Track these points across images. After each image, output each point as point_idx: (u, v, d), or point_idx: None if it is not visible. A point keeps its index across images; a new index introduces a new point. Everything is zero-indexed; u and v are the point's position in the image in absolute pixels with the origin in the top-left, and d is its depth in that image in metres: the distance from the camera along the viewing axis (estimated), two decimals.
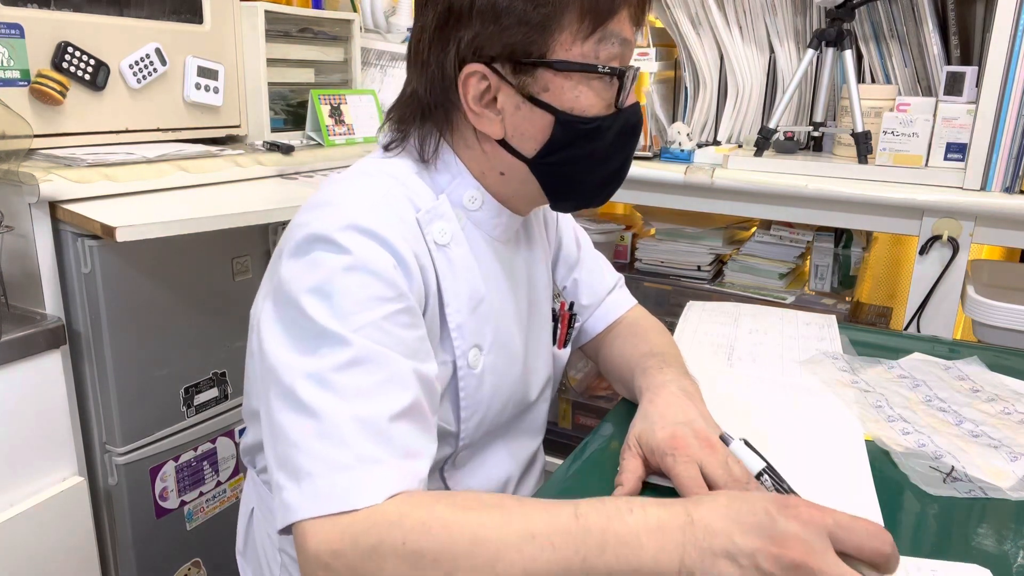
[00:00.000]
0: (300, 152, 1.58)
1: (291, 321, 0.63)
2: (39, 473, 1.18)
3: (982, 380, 0.93)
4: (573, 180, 0.75)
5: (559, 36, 0.67)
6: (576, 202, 0.79)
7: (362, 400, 0.59)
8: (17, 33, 1.19)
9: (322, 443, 0.57)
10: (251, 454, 0.87)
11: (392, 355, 0.61)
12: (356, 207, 0.66)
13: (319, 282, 0.62)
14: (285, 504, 0.57)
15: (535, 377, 0.86)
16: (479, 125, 0.71)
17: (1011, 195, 1.35)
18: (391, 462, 0.57)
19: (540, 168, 0.73)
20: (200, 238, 1.27)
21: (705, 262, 1.75)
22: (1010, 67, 1.31)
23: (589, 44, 0.68)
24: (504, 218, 0.79)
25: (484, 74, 0.69)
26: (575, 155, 0.72)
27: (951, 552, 0.61)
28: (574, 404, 1.96)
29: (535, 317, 0.86)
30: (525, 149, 0.72)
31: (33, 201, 1.12)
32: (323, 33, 1.79)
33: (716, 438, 0.67)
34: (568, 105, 0.69)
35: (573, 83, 0.69)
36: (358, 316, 0.61)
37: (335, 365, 0.59)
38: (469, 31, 0.68)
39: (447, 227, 0.73)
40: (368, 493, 0.55)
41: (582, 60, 0.68)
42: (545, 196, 0.77)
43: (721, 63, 1.77)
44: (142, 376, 1.28)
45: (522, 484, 0.89)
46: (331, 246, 0.64)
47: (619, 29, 0.69)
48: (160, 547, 1.36)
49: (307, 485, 0.56)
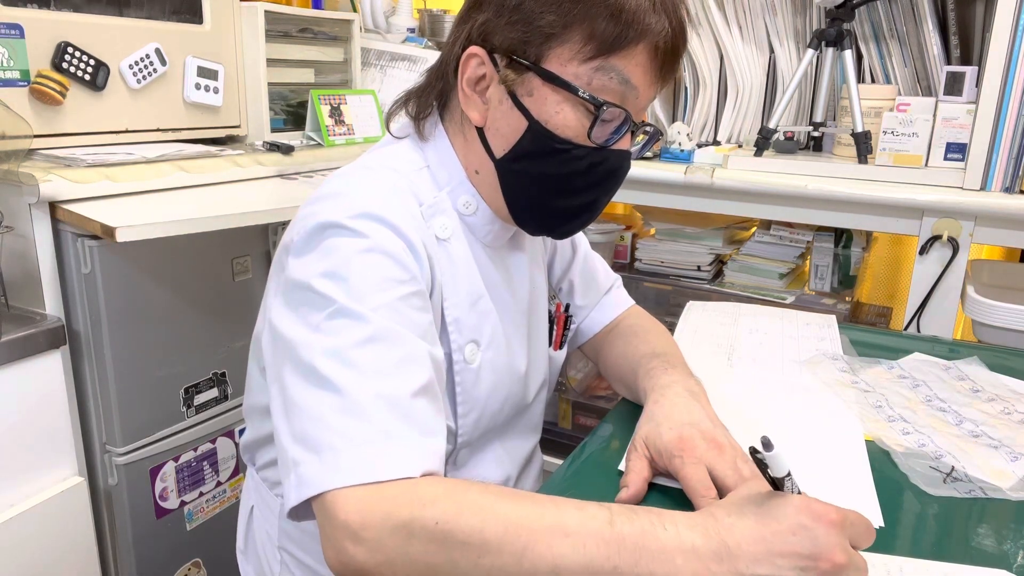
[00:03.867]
0: (300, 152, 1.58)
1: (307, 303, 0.63)
2: (39, 473, 1.18)
3: (982, 380, 0.93)
4: (532, 196, 0.74)
5: (558, 48, 0.67)
6: (536, 224, 0.77)
7: (383, 376, 0.59)
8: (17, 33, 1.19)
9: (345, 418, 0.57)
10: (251, 451, 0.87)
11: (408, 334, 0.62)
12: (366, 196, 0.67)
13: (334, 266, 0.63)
14: (302, 478, 0.56)
15: (533, 378, 0.87)
16: (465, 106, 0.72)
17: (1011, 195, 1.35)
18: (415, 438, 0.57)
19: (504, 172, 0.73)
20: (200, 238, 1.27)
21: (705, 262, 1.75)
22: (1010, 67, 1.31)
23: (585, 68, 0.67)
24: (496, 227, 0.79)
25: (483, 60, 0.70)
26: (540, 171, 0.71)
27: (951, 552, 0.61)
28: (574, 404, 1.96)
29: (532, 319, 0.86)
30: (496, 146, 0.72)
31: (33, 201, 1.12)
32: (323, 33, 1.79)
33: (723, 439, 0.67)
34: (545, 117, 0.69)
35: (559, 98, 0.68)
36: (375, 296, 0.62)
37: (354, 342, 0.59)
38: (484, 15, 0.70)
39: (448, 222, 0.74)
40: (399, 466, 0.55)
41: (570, 80, 0.67)
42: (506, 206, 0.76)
43: (721, 63, 1.77)
44: (142, 376, 1.28)
45: (519, 484, 0.89)
46: (345, 231, 0.64)
47: (625, 68, 0.67)
48: (160, 547, 1.36)
49: (330, 457, 0.56)
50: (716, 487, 0.63)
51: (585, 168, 0.71)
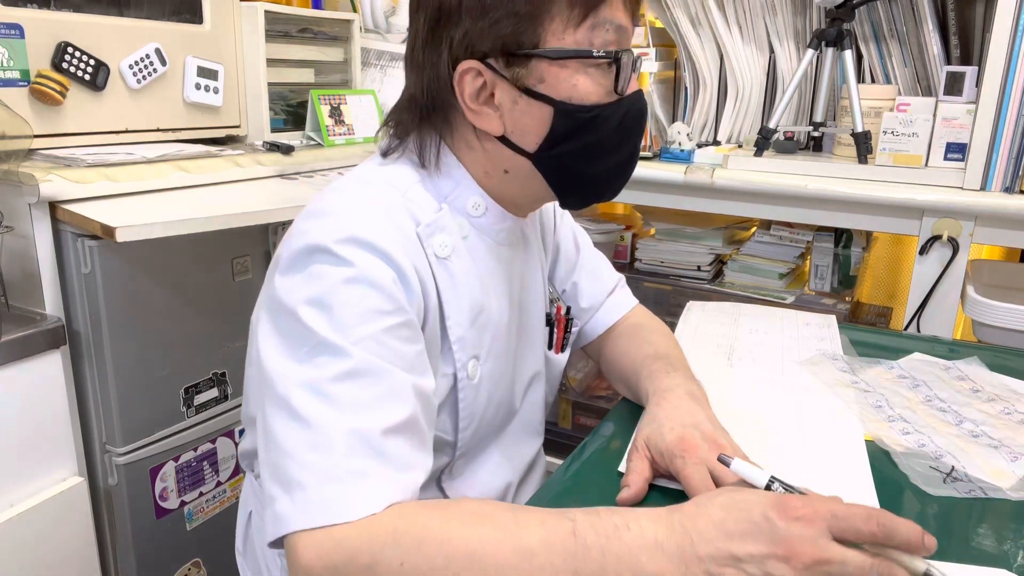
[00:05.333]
0: (300, 152, 1.58)
1: (289, 331, 0.62)
2: (39, 473, 1.18)
3: (982, 380, 0.93)
4: (578, 173, 0.73)
5: (550, 25, 0.66)
6: (584, 197, 0.77)
7: (357, 412, 0.58)
8: (17, 33, 1.19)
9: (314, 454, 0.56)
10: (249, 459, 0.87)
11: (391, 369, 0.61)
12: (357, 219, 0.65)
13: (318, 294, 0.62)
14: (277, 515, 0.56)
15: (522, 379, 0.86)
16: (478, 123, 0.71)
17: (1011, 195, 1.35)
18: (383, 474, 0.57)
19: (544, 162, 0.72)
20: (200, 238, 1.27)
21: (705, 262, 1.75)
22: (1010, 67, 1.31)
23: (582, 31, 0.67)
24: (508, 222, 0.78)
25: (479, 70, 0.68)
26: (578, 146, 0.71)
27: (951, 552, 0.61)
28: (574, 404, 1.96)
29: (524, 319, 0.85)
30: (527, 143, 0.71)
31: (33, 201, 1.12)
32: (323, 33, 1.79)
33: (725, 441, 0.68)
34: (566, 94, 0.68)
35: (569, 71, 0.68)
36: (358, 328, 0.60)
37: (332, 376, 0.59)
38: (460, 29, 0.68)
39: (448, 240, 0.72)
40: (358, 506, 0.55)
41: (576, 47, 0.67)
42: (552, 192, 0.75)
43: (721, 63, 1.77)
44: (142, 376, 1.28)
45: (522, 490, 0.89)
46: (331, 257, 0.63)
47: (611, 15, 0.68)
48: (160, 547, 1.36)
49: (299, 496, 0.55)
50: (717, 487, 0.63)
51: (618, 124, 0.71)
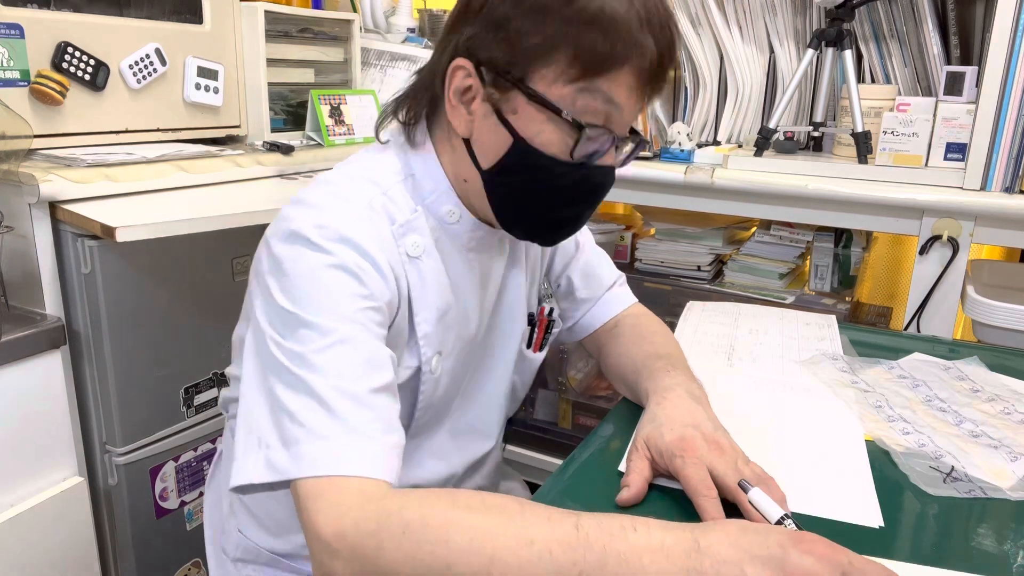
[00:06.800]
0: (300, 152, 1.58)
1: (274, 311, 0.66)
2: (39, 473, 1.18)
3: (982, 380, 0.93)
4: (518, 208, 0.75)
5: (543, 70, 0.67)
6: (522, 233, 0.79)
7: (346, 375, 0.62)
8: (17, 33, 1.19)
9: (309, 414, 0.60)
10: (229, 406, 0.91)
11: (370, 338, 0.65)
12: (339, 215, 0.69)
13: (298, 277, 0.66)
14: (270, 462, 0.60)
15: (481, 378, 0.89)
16: (451, 116, 0.73)
17: (1011, 195, 1.35)
18: (378, 435, 0.61)
19: (490, 183, 0.74)
20: (200, 238, 1.27)
21: (705, 262, 1.75)
22: (1010, 67, 1.31)
23: (570, 89, 0.67)
24: (481, 232, 0.80)
25: (470, 72, 0.70)
26: (525, 185, 0.73)
27: (951, 552, 0.61)
28: (574, 404, 1.96)
29: (495, 321, 0.88)
30: (483, 159, 0.73)
31: (33, 201, 1.12)
32: (323, 33, 1.79)
33: (725, 441, 0.68)
34: (529, 135, 0.69)
35: (542, 118, 0.69)
36: (337, 308, 0.65)
37: (317, 348, 0.62)
38: (471, 29, 0.70)
39: (420, 240, 0.75)
40: (363, 464, 0.58)
41: (554, 100, 0.68)
42: (493, 214, 0.77)
43: (721, 63, 1.77)
44: (142, 376, 1.28)
45: (464, 484, 0.91)
46: (312, 245, 0.67)
47: (610, 88, 0.67)
48: (160, 547, 1.36)
49: (304, 448, 0.59)
50: (717, 488, 0.63)
51: (569, 184, 0.73)
